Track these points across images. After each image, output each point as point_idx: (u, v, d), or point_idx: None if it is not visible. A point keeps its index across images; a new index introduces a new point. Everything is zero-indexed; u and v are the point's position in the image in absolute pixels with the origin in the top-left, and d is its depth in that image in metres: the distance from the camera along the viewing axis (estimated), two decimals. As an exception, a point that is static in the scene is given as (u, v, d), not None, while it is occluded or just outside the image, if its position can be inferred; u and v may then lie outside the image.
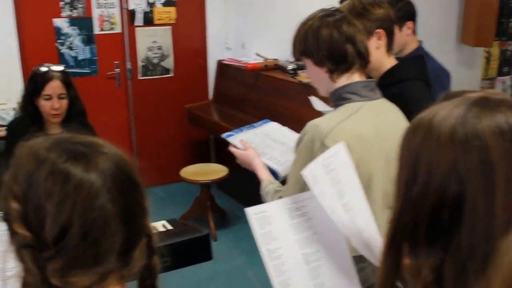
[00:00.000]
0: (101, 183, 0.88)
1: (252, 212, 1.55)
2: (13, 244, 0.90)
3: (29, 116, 2.75)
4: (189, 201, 4.59)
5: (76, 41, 4.76)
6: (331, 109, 1.87)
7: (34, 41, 4.58)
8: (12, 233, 0.89)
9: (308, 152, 1.66)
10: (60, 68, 2.79)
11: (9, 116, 4.27)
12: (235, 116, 4.63)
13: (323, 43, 1.71)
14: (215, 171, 4.50)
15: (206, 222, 4.32)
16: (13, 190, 0.90)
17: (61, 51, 4.72)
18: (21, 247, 0.88)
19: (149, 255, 0.97)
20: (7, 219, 0.90)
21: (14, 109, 4.34)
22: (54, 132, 2.76)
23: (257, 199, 1.76)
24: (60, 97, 2.71)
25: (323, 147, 1.61)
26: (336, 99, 1.78)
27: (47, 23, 4.63)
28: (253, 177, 1.97)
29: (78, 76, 4.56)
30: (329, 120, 1.72)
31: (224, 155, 4.23)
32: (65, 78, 2.76)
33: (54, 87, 2.70)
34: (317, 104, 2.10)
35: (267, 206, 1.59)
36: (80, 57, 4.80)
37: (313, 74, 1.81)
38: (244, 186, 3.55)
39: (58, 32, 4.68)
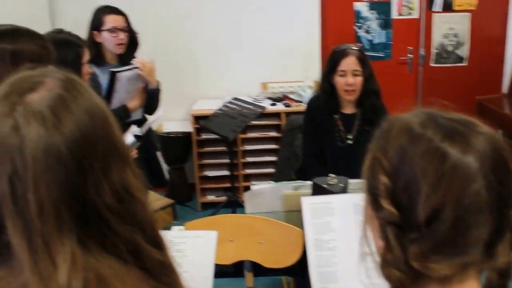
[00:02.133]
0: (478, 167, 0.81)
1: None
2: (376, 219, 0.88)
3: (325, 94, 2.95)
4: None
5: (374, 25, 4.91)
6: None
7: (334, 23, 4.87)
8: (377, 207, 0.87)
9: None
10: (358, 47, 2.92)
11: (306, 93, 4.64)
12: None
13: None
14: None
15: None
16: (382, 162, 0.86)
17: (358, 34, 4.92)
18: (386, 224, 0.85)
19: (511, 251, 0.87)
20: (372, 192, 0.88)
21: (310, 87, 4.71)
22: (348, 112, 2.93)
23: None
24: (354, 74, 2.81)
25: None
26: None
27: (348, 6, 4.86)
28: None
29: (371, 60, 4.69)
30: None
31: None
32: (361, 55, 2.84)
33: (349, 63, 2.81)
34: None
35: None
36: (376, 41, 4.94)
37: None
38: None
39: (357, 15, 4.88)
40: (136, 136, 2.50)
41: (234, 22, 4.76)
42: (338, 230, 1.61)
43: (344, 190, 1.91)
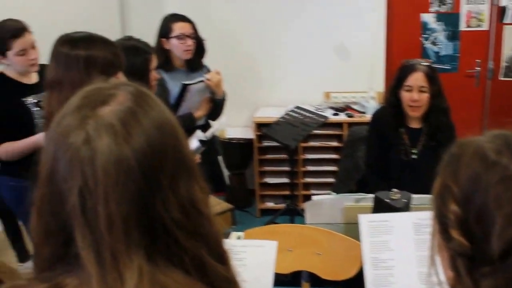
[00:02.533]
0: None
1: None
2: (446, 249, 0.84)
3: (391, 107, 2.91)
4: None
5: (441, 36, 4.82)
6: None
7: (400, 34, 4.81)
8: (447, 237, 0.82)
9: None
10: (428, 63, 2.87)
11: (369, 104, 4.60)
12: None
13: None
14: None
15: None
16: (452, 190, 0.82)
17: (424, 45, 4.84)
18: (457, 255, 0.81)
19: None
20: (442, 221, 0.84)
21: (373, 98, 4.66)
22: (414, 126, 2.89)
23: None
24: (421, 90, 2.75)
25: None
26: None
27: (414, 18, 4.79)
28: None
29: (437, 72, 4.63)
30: None
31: None
32: (430, 72, 2.78)
33: (416, 79, 2.76)
34: None
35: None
36: (442, 53, 4.85)
37: None
38: None
39: (424, 26, 4.81)
40: (201, 141, 2.55)
41: (299, 30, 4.78)
42: (396, 249, 1.59)
43: (407, 206, 1.89)
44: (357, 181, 3.27)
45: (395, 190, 1.93)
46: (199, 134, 2.56)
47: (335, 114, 4.63)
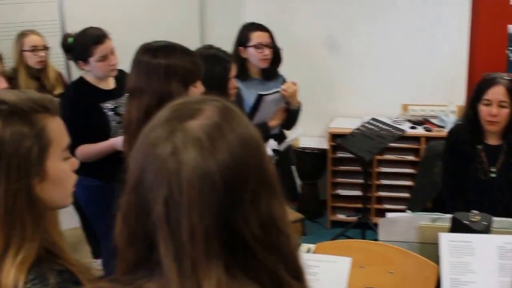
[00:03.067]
0: None
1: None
2: None
3: (468, 122, 2.80)
4: None
5: (529, 49, 4.61)
6: None
7: (485, 46, 4.63)
8: None
9: None
10: (510, 77, 2.75)
11: (448, 118, 4.46)
12: None
13: None
14: None
15: None
16: None
17: (510, 59, 4.64)
18: None
19: None
20: None
21: (453, 112, 4.52)
22: (493, 143, 2.77)
23: None
24: (500, 105, 2.65)
25: None
26: None
27: (501, 29, 4.61)
28: None
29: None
30: None
31: None
32: (511, 87, 2.68)
33: (497, 93, 2.65)
34: None
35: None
36: (530, 67, 4.64)
37: None
38: None
39: (511, 39, 4.61)
40: (273, 151, 2.55)
41: (377, 41, 4.72)
42: (478, 272, 1.52)
43: (487, 229, 1.80)
44: (433, 198, 3.17)
45: (474, 211, 1.86)
46: (272, 143, 2.57)
47: (413, 128, 4.52)
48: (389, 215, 2.07)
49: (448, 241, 1.60)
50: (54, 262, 1.16)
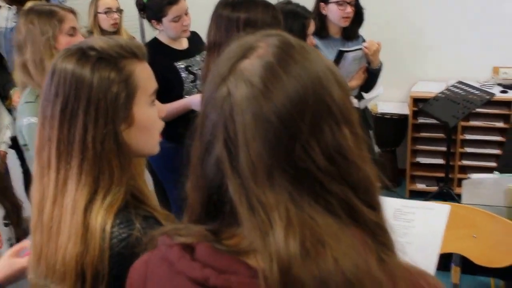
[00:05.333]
0: None
1: None
2: None
3: None
4: None
5: None
6: None
7: None
8: None
9: None
10: None
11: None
12: None
13: None
14: None
15: None
16: None
17: None
18: None
19: None
20: None
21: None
22: None
23: None
24: None
25: None
26: None
27: None
28: None
29: None
30: None
31: None
32: None
33: None
34: None
35: None
36: None
37: None
38: None
39: None
40: None
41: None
42: None
43: None
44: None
45: None
46: (354, 102, 2.56)
47: (504, 92, 4.34)
48: (474, 176, 2.04)
49: None
50: (140, 208, 1.22)
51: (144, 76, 1.25)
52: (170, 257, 0.84)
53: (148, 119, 1.25)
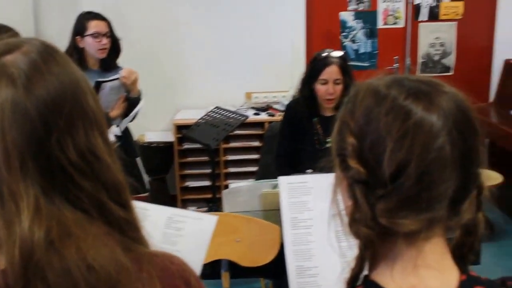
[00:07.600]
0: (442, 124, 0.88)
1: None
2: (344, 179, 0.93)
3: (304, 99, 3.11)
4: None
5: (359, 34, 5.12)
6: None
7: (320, 32, 5.07)
8: (345, 167, 0.92)
9: None
10: (340, 53, 3.09)
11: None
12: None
13: None
14: (489, 177, 4.38)
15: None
16: (349, 125, 0.92)
17: (344, 43, 5.12)
18: (354, 182, 0.90)
19: (477, 209, 0.94)
20: (340, 154, 0.93)
21: (294, 96, 4.87)
22: (328, 114, 3.08)
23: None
24: (335, 83, 2.99)
25: None
26: None
27: (334, 16, 5.07)
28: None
29: (357, 69, 4.89)
30: None
31: (501, 161, 4.18)
32: (343, 64, 3.02)
33: (331, 72, 2.98)
34: None
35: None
36: (361, 51, 5.15)
37: None
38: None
39: (343, 25, 5.09)
40: (116, 137, 2.65)
41: (219, 31, 4.94)
42: (314, 209, 1.75)
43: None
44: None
45: (309, 170, 2.10)
46: (113, 129, 2.67)
47: (256, 114, 4.82)
48: (231, 185, 2.25)
49: (287, 184, 1.80)
50: None
51: None
52: None
53: None
